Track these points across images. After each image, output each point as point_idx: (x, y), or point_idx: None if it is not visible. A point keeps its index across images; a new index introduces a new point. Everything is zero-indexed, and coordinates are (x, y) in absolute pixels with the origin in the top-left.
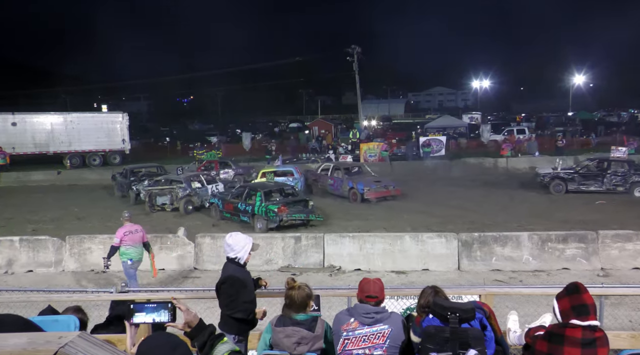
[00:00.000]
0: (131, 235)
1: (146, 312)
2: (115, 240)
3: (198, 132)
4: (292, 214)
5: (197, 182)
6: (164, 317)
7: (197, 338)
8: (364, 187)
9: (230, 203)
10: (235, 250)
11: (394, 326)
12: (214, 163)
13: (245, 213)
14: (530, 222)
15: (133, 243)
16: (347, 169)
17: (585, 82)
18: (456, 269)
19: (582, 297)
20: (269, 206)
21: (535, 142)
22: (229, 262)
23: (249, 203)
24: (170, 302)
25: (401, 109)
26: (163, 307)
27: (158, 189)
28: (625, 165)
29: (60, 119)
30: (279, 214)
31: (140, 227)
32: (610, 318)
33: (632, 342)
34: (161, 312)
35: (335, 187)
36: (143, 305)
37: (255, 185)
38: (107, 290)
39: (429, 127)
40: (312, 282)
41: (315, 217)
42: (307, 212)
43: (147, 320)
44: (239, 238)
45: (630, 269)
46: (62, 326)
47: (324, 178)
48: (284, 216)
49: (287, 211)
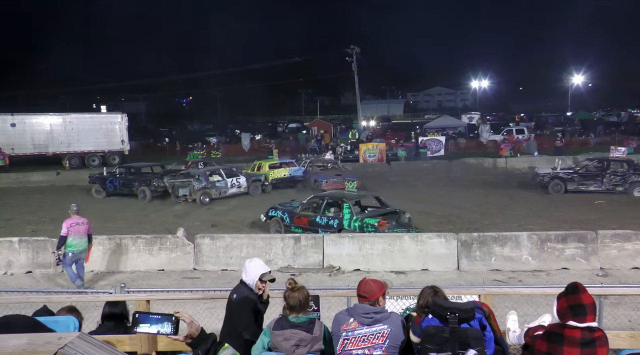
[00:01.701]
0: (77, 226)
1: (150, 323)
2: (63, 231)
3: (197, 132)
4: (393, 229)
5: (216, 175)
6: (167, 329)
7: (200, 347)
8: (323, 179)
9: (304, 216)
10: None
11: (394, 326)
12: (198, 164)
13: (328, 227)
14: (529, 222)
15: (77, 235)
16: (321, 165)
17: (584, 82)
18: (455, 269)
19: (580, 297)
20: (365, 219)
21: (534, 142)
22: (241, 284)
23: (331, 216)
24: (174, 315)
25: (400, 109)
26: (167, 320)
27: (180, 182)
28: (625, 165)
29: (59, 119)
30: (379, 229)
31: (86, 220)
32: (609, 318)
33: (631, 341)
34: (165, 324)
35: (307, 180)
36: (147, 316)
37: (337, 194)
38: (107, 291)
39: (428, 127)
40: (311, 282)
41: (415, 231)
42: (407, 226)
43: (150, 331)
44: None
45: (629, 269)
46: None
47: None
48: (385, 231)
49: (387, 225)
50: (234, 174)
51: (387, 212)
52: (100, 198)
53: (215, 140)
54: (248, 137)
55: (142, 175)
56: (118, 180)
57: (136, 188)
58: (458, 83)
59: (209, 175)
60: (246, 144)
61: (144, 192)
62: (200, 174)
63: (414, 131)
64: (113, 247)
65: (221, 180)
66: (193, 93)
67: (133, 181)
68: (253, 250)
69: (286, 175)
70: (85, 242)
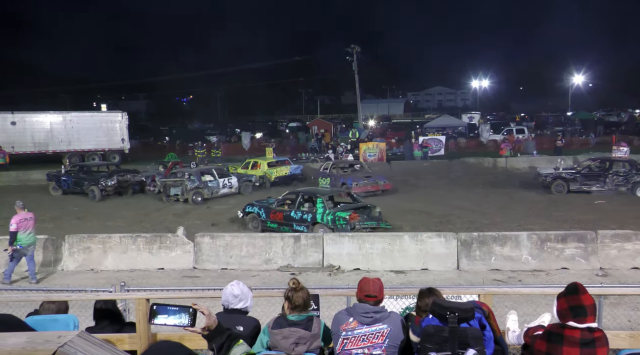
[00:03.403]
0: (26, 222)
1: (167, 315)
2: (13, 226)
3: (197, 131)
4: (364, 222)
5: (208, 175)
6: (184, 321)
7: (215, 340)
8: (352, 182)
9: (279, 212)
10: (243, 300)
11: (393, 326)
12: (179, 164)
13: (302, 222)
14: (529, 222)
15: (26, 230)
16: (345, 167)
17: (584, 82)
18: (455, 268)
19: (580, 297)
20: (337, 213)
21: (532, 142)
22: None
23: (305, 211)
24: (192, 307)
25: (400, 109)
26: (184, 311)
27: (172, 181)
28: (627, 165)
29: (59, 118)
30: (350, 222)
31: (32, 215)
32: (609, 318)
33: (630, 341)
34: (182, 316)
35: (332, 184)
36: (165, 308)
37: (312, 190)
38: (107, 290)
39: (429, 127)
40: (311, 281)
41: (385, 224)
42: (377, 220)
43: (167, 323)
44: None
45: (629, 269)
46: (61, 325)
47: (323, 176)
48: (356, 224)
49: (358, 218)
50: (225, 174)
51: (359, 207)
52: (57, 195)
53: (215, 139)
54: (248, 136)
55: (92, 174)
56: (70, 178)
57: (86, 187)
58: (458, 83)
59: (202, 175)
60: (246, 143)
61: (93, 191)
62: (192, 173)
63: (415, 131)
64: (113, 246)
65: (213, 180)
66: (193, 92)
67: (83, 180)
68: (253, 249)
69: (287, 173)
70: (33, 236)
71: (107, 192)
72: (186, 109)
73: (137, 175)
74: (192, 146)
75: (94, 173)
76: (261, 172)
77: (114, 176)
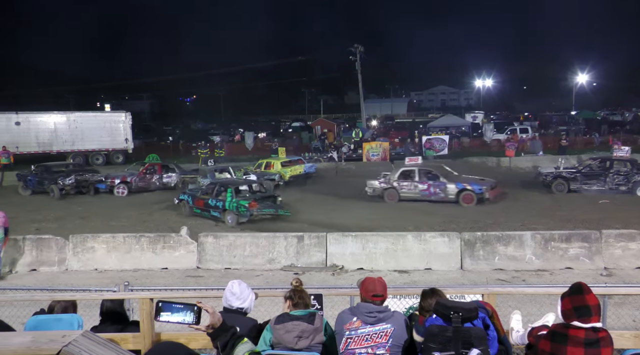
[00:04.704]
0: None
1: (172, 312)
2: None
3: (201, 131)
4: (262, 209)
5: (225, 173)
6: (188, 319)
7: (220, 338)
8: (481, 187)
9: (201, 199)
10: (241, 299)
11: (397, 325)
12: (157, 166)
13: (216, 209)
14: (533, 222)
15: None
16: (428, 171)
17: (588, 81)
18: (459, 268)
19: (585, 298)
20: (239, 201)
21: (539, 142)
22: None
23: (220, 199)
24: (196, 305)
25: (404, 108)
26: (189, 309)
27: (190, 177)
28: (628, 164)
29: (63, 118)
30: (249, 209)
31: (3, 214)
32: (613, 317)
33: (635, 341)
34: (187, 313)
35: (432, 192)
36: (170, 305)
37: (226, 181)
38: (111, 289)
39: (432, 126)
40: (314, 281)
41: (284, 212)
42: (276, 208)
43: (172, 320)
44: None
45: (633, 269)
46: (65, 325)
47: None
48: (255, 211)
49: (257, 206)
50: (245, 172)
51: (263, 197)
52: (26, 195)
53: (218, 139)
54: (251, 136)
55: (51, 173)
56: (35, 178)
57: (46, 186)
58: (462, 82)
59: (218, 172)
60: (250, 142)
61: (52, 190)
62: (207, 170)
63: (418, 130)
64: (117, 246)
65: (230, 177)
66: (197, 92)
67: (44, 179)
68: (256, 248)
69: (301, 172)
70: (2, 233)
71: (66, 191)
72: (190, 109)
73: (95, 175)
74: (195, 146)
75: (54, 173)
76: (275, 171)
77: (72, 175)
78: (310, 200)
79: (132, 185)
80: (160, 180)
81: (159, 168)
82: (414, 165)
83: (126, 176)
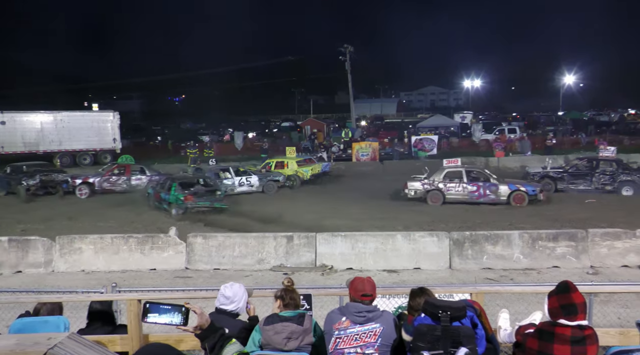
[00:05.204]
0: None
1: (159, 313)
2: None
3: (190, 131)
4: (197, 202)
5: (226, 173)
6: (176, 320)
7: (208, 339)
8: (535, 188)
9: (158, 193)
10: (235, 302)
11: (386, 325)
12: (125, 168)
13: (165, 201)
14: (521, 221)
15: None
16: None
17: (575, 81)
18: (448, 267)
19: (571, 296)
20: (178, 195)
21: (528, 142)
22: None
23: (167, 193)
24: (184, 306)
25: (393, 109)
26: (177, 310)
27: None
28: (614, 164)
29: (50, 117)
30: (185, 202)
31: None
32: (599, 315)
33: (620, 339)
34: (175, 315)
35: (481, 194)
36: (158, 306)
37: (175, 177)
38: (98, 291)
39: (421, 127)
40: (304, 281)
41: (220, 205)
42: (213, 200)
43: (159, 321)
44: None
45: (619, 267)
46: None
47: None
48: (189, 204)
49: (192, 199)
50: (244, 173)
51: (202, 191)
52: (1, 195)
53: (208, 139)
54: (241, 136)
55: (18, 174)
56: (4, 179)
57: (13, 186)
58: (451, 82)
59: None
60: (239, 142)
61: (19, 191)
62: (208, 170)
63: (407, 130)
64: (104, 246)
65: (230, 178)
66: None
67: (12, 180)
68: (246, 249)
69: (319, 170)
70: None
71: (32, 191)
72: (179, 109)
73: (60, 175)
74: (184, 146)
75: (21, 173)
76: (291, 171)
77: (37, 176)
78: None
79: (94, 187)
80: (128, 182)
81: (128, 169)
82: (453, 167)
83: (88, 177)
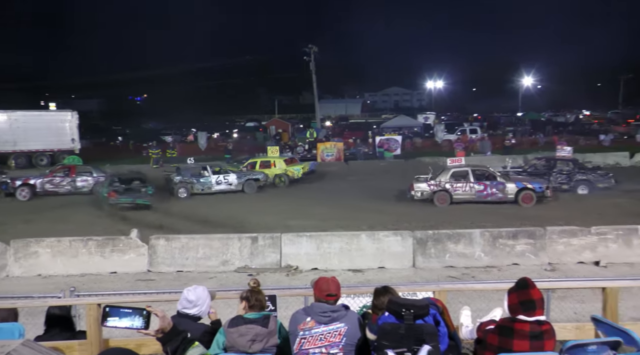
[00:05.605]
0: None
1: (120, 317)
2: None
3: (152, 131)
4: (119, 199)
5: (204, 171)
6: (137, 323)
7: (170, 343)
8: (541, 185)
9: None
10: (198, 306)
11: (350, 324)
12: (70, 168)
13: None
14: (482, 219)
15: None
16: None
17: (534, 83)
18: (411, 266)
19: (530, 292)
20: (103, 191)
21: (488, 142)
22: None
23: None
24: (145, 309)
25: (358, 109)
26: (138, 314)
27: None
28: (570, 163)
29: (3, 117)
30: (108, 199)
31: None
32: (556, 310)
33: (577, 333)
34: (135, 318)
35: (489, 193)
36: (118, 310)
37: (112, 174)
38: (55, 295)
39: (385, 127)
40: (269, 282)
41: (142, 202)
42: (136, 197)
43: (120, 325)
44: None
45: (575, 263)
46: (5, 334)
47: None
48: (111, 200)
49: (115, 196)
50: (222, 171)
51: (127, 188)
52: None
53: (170, 139)
54: (205, 136)
55: None
56: None
57: None
58: (414, 83)
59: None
60: (203, 143)
61: None
62: (182, 168)
63: (372, 131)
64: (62, 250)
65: (206, 176)
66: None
67: None
68: (210, 250)
69: (307, 169)
70: None
71: None
72: (141, 108)
73: (1, 176)
74: (146, 146)
75: None
76: (280, 170)
77: None
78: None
79: (36, 188)
80: (72, 183)
81: (73, 171)
82: (458, 167)
83: (29, 178)
